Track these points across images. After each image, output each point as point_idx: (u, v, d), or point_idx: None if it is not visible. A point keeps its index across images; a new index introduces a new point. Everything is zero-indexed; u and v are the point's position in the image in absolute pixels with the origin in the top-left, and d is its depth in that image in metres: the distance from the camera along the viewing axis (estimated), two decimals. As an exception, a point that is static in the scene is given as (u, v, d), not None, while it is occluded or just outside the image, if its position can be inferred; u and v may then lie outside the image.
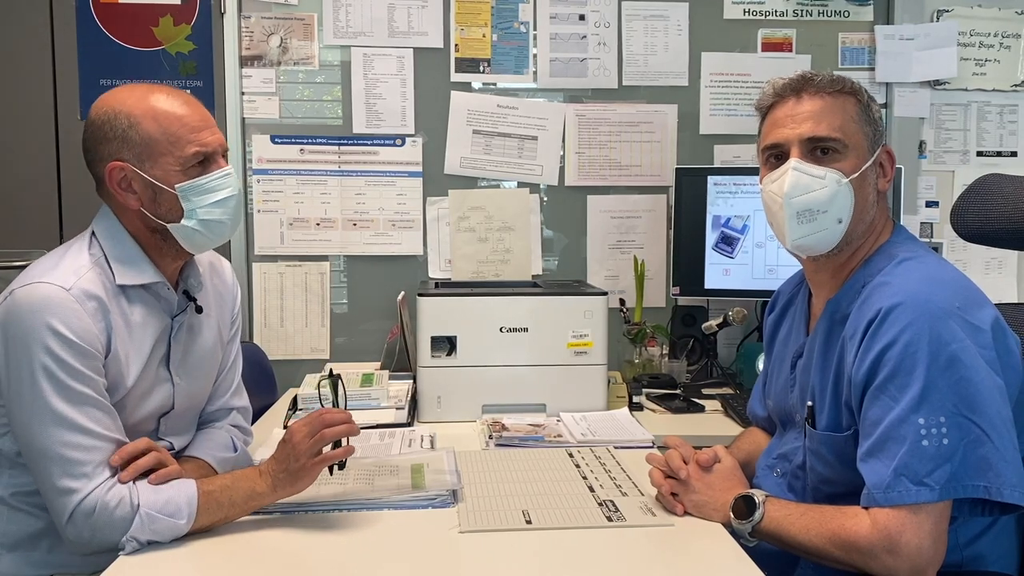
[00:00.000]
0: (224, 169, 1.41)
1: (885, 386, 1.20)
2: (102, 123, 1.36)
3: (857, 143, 1.33)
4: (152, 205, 1.38)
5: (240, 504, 1.32)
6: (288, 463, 1.33)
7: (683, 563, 1.25)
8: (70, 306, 1.27)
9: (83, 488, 1.24)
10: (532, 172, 2.59)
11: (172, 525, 1.27)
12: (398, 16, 2.53)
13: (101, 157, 1.37)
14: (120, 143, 1.35)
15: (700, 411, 2.14)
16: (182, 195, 1.37)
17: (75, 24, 2.46)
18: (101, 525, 1.24)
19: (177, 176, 1.36)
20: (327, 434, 1.34)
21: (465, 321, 2.00)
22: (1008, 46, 2.66)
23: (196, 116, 1.39)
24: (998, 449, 1.16)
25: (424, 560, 1.24)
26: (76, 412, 1.25)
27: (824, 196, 1.31)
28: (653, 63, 2.60)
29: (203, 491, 1.30)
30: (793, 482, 1.42)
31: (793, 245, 1.36)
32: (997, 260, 2.68)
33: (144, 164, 1.35)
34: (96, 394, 1.28)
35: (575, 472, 1.58)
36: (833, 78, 1.35)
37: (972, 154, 2.69)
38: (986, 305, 1.25)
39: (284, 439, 1.35)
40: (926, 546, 1.16)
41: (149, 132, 1.35)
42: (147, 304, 1.41)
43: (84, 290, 1.30)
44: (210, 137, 1.39)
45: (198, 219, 1.39)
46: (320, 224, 2.56)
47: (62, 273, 1.31)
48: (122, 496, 1.25)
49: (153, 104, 1.36)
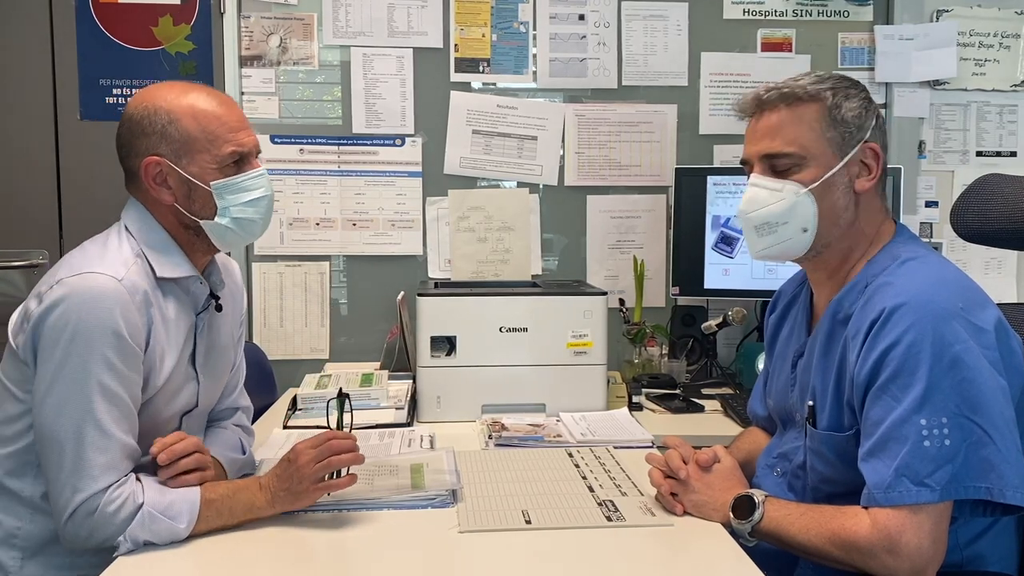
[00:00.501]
0: (258, 169, 1.44)
1: (887, 386, 1.20)
2: (141, 118, 1.37)
3: (818, 152, 1.32)
4: (186, 201, 1.39)
5: (238, 515, 1.32)
6: (291, 484, 1.33)
7: (683, 563, 1.25)
8: (124, 299, 1.28)
9: (90, 488, 1.23)
10: (532, 172, 2.59)
11: (171, 528, 1.26)
12: (398, 16, 2.53)
13: (137, 152, 1.38)
14: (159, 139, 1.36)
15: (700, 411, 2.14)
16: (217, 193, 1.39)
17: (74, 24, 2.46)
18: (101, 524, 1.24)
19: (213, 174, 1.39)
20: (334, 462, 1.33)
21: (465, 321, 2.00)
22: (1008, 46, 2.66)
23: (234, 116, 1.41)
24: (1000, 450, 1.16)
25: (424, 560, 1.24)
26: (107, 413, 1.26)
27: (780, 209, 1.33)
28: (653, 63, 2.60)
29: (205, 499, 1.30)
30: (793, 482, 1.42)
31: (756, 256, 1.41)
32: (996, 260, 2.68)
33: (181, 160, 1.37)
34: (129, 396, 1.29)
35: (575, 472, 1.58)
36: (792, 88, 1.34)
37: (972, 154, 2.69)
38: (989, 306, 1.25)
39: (289, 458, 1.34)
40: (926, 546, 1.16)
41: (188, 129, 1.37)
42: (179, 299, 1.43)
43: (132, 282, 1.31)
44: (247, 138, 1.42)
45: (231, 217, 1.41)
46: (320, 224, 2.56)
47: (112, 264, 1.31)
48: (126, 496, 1.25)
49: (193, 102, 1.38)
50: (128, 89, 2.48)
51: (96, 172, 2.47)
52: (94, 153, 2.47)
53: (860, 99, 1.34)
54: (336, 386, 2.02)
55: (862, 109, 1.34)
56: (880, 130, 1.36)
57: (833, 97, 1.32)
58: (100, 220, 1.53)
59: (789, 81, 1.36)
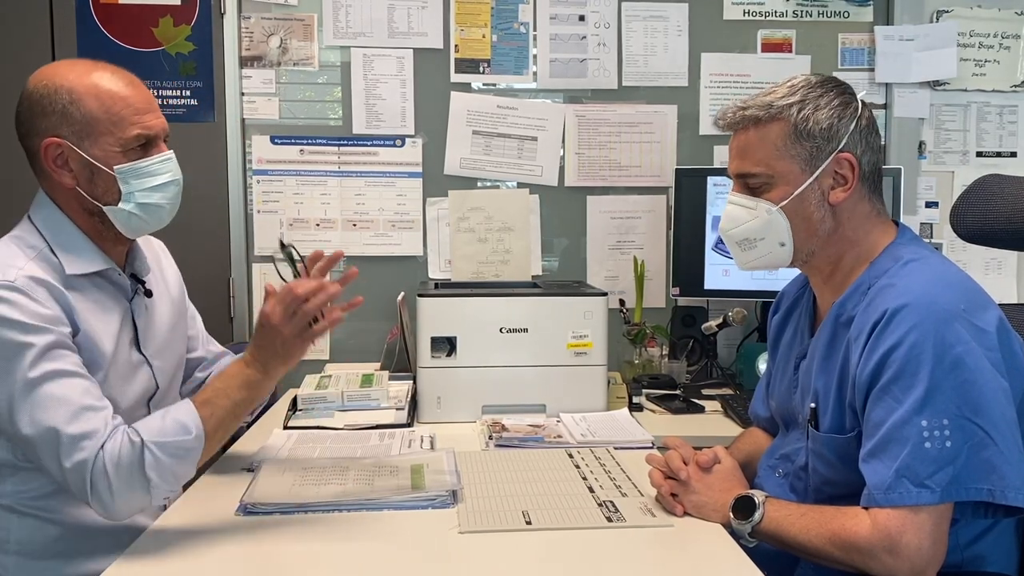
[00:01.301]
0: (165, 153, 1.39)
1: (889, 387, 1.20)
2: (40, 96, 1.32)
3: (785, 170, 1.33)
4: (88, 185, 1.35)
5: (240, 398, 1.31)
6: (274, 347, 1.31)
7: (683, 564, 1.25)
8: (18, 297, 1.24)
9: (88, 455, 1.21)
10: (532, 173, 2.59)
11: (182, 443, 1.25)
12: (398, 17, 2.53)
13: (37, 131, 1.33)
14: (59, 119, 1.32)
15: (700, 412, 2.14)
16: (121, 177, 1.34)
17: (75, 25, 2.46)
18: (118, 478, 1.22)
19: (117, 158, 1.34)
20: (308, 309, 1.31)
21: (465, 322, 2.00)
22: (1008, 47, 2.66)
23: (141, 98, 1.36)
24: (1002, 452, 1.16)
25: (424, 561, 1.24)
26: (57, 388, 1.23)
27: (756, 226, 1.37)
28: (653, 64, 2.60)
29: (198, 402, 1.29)
30: (795, 483, 1.42)
31: (743, 268, 1.45)
32: (997, 261, 2.68)
33: (83, 143, 1.32)
34: (73, 365, 1.26)
35: (575, 473, 1.58)
36: (756, 109, 1.34)
37: (972, 154, 2.69)
38: (991, 307, 1.25)
39: (262, 323, 1.32)
40: (926, 547, 1.16)
41: (91, 110, 1.32)
42: (102, 290, 1.40)
43: (30, 277, 1.27)
44: (154, 120, 1.37)
45: (136, 202, 1.36)
46: (320, 225, 2.56)
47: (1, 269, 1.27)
48: (120, 441, 1.23)
49: (96, 82, 1.33)
50: (128, 90, 2.48)
51: (96, 173, 2.47)
52: (94, 154, 2.47)
53: (834, 107, 1.32)
54: (337, 387, 2.02)
55: (835, 118, 1.32)
56: (862, 134, 1.33)
57: (800, 112, 1.31)
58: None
59: (760, 96, 1.36)
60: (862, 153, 1.34)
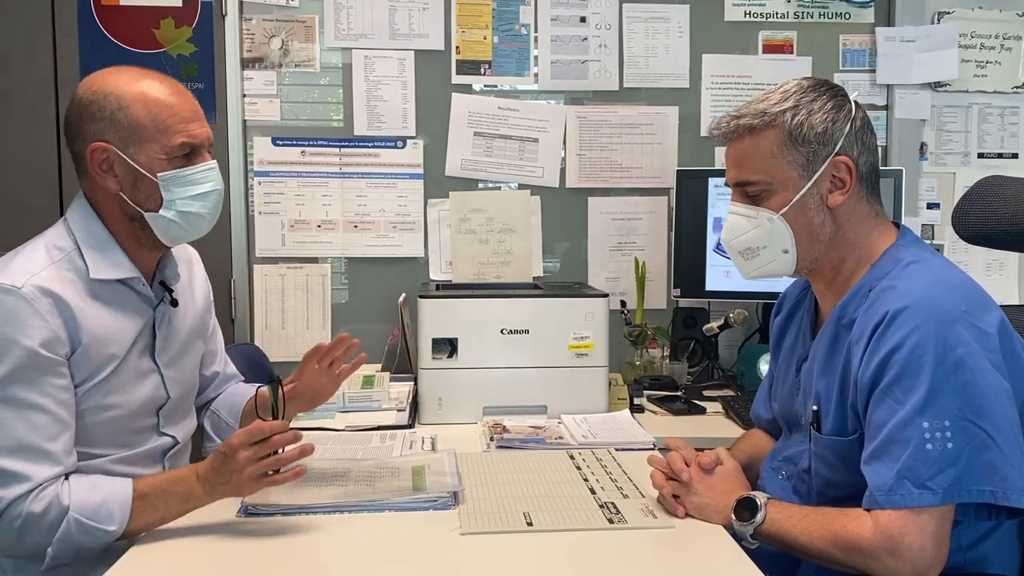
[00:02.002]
0: (208, 163, 1.40)
1: (890, 389, 1.20)
2: (89, 102, 1.34)
3: (782, 177, 1.33)
4: (131, 191, 1.36)
5: (175, 507, 1.30)
6: (229, 479, 1.28)
7: (684, 565, 1.25)
8: (19, 307, 1.24)
9: (8, 495, 1.21)
10: (533, 174, 2.59)
11: (101, 531, 1.24)
12: (399, 18, 2.53)
13: (84, 136, 1.35)
14: (106, 124, 1.33)
15: (701, 413, 2.14)
16: (163, 184, 1.35)
17: (76, 26, 2.46)
18: (28, 530, 1.22)
19: (161, 164, 1.35)
20: (272, 462, 1.28)
21: (466, 323, 2.00)
22: (1009, 48, 2.66)
23: (187, 107, 1.37)
24: (1004, 453, 1.16)
25: (425, 562, 1.24)
26: (16, 417, 1.23)
27: (758, 235, 1.36)
28: (654, 65, 2.60)
29: (138, 493, 1.27)
30: (798, 485, 1.41)
31: (747, 278, 1.44)
32: (998, 262, 2.68)
33: (128, 148, 1.34)
34: (42, 397, 1.25)
35: (576, 474, 1.58)
36: (750, 117, 1.33)
37: (973, 156, 2.69)
38: (992, 308, 1.25)
39: (225, 452, 1.28)
40: (928, 548, 1.16)
41: (138, 117, 1.33)
42: (123, 296, 1.39)
43: (37, 286, 1.27)
44: (199, 129, 1.38)
45: (177, 210, 1.37)
46: (321, 226, 2.56)
47: (12, 273, 1.28)
48: (50, 500, 1.23)
49: (144, 89, 1.34)
50: (130, 91, 2.48)
51: (98, 174, 2.48)
52: (96, 155, 2.47)
53: (827, 110, 1.32)
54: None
55: (829, 121, 1.32)
56: (857, 136, 1.33)
57: (794, 118, 1.31)
58: (102, 222, 1.53)
59: (753, 104, 1.36)
60: (858, 155, 1.33)
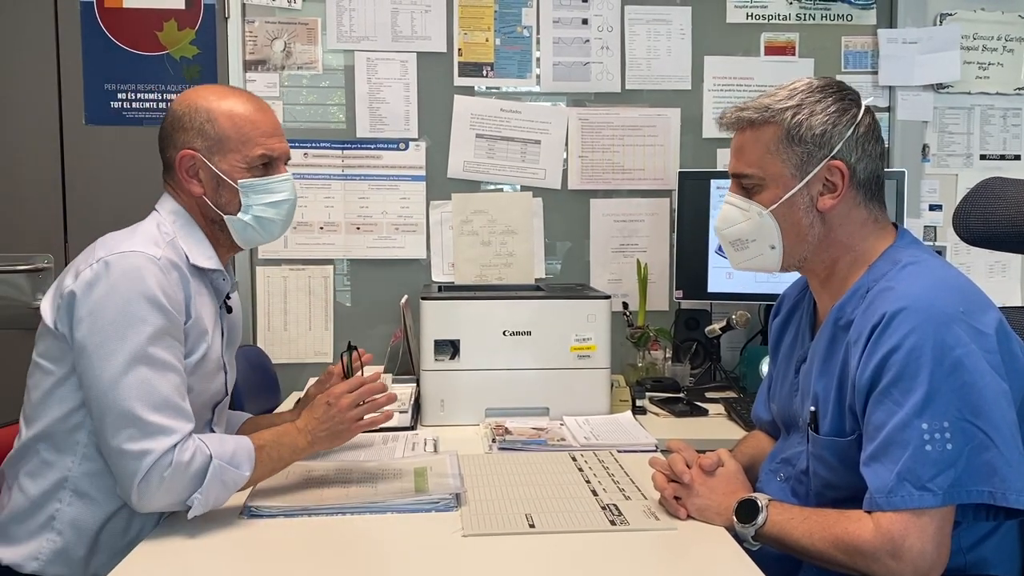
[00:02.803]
0: (285, 175, 1.53)
1: (889, 390, 1.20)
2: (183, 114, 1.47)
3: (776, 173, 1.33)
4: (214, 195, 1.48)
5: (284, 459, 1.44)
6: (332, 424, 1.45)
7: (686, 567, 1.25)
8: (160, 274, 1.36)
9: (158, 447, 1.28)
10: (535, 176, 2.59)
11: (238, 476, 1.35)
12: (401, 20, 2.54)
13: (175, 144, 1.48)
14: (195, 134, 1.46)
15: (703, 415, 2.14)
16: (243, 191, 1.48)
17: (80, 29, 2.47)
18: (176, 479, 1.29)
19: (241, 172, 1.48)
20: (374, 404, 1.48)
21: (468, 325, 2.00)
22: (1011, 49, 2.66)
23: (268, 123, 1.51)
24: (1003, 454, 1.16)
25: (427, 563, 1.24)
26: (157, 374, 1.31)
27: (748, 228, 1.38)
28: (656, 67, 2.61)
29: (257, 445, 1.39)
30: (797, 487, 1.41)
31: (736, 268, 1.46)
32: (1000, 264, 2.68)
33: (213, 156, 1.47)
34: (175, 360, 1.36)
35: (578, 476, 1.58)
36: (751, 111, 1.34)
37: (975, 157, 2.69)
38: (990, 309, 1.25)
39: (328, 402, 1.46)
40: (929, 550, 1.16)
41: (224, 129, 1.47)
42: (207, 288, 1.50)
43: (169, 259, 1.39)
44: (277, 144, 1.51)
45: (253, 215, 1.50)
46: (324, 228, 2.56)
47: (146, 243, 1.39)
48: (194, 449, 1.30)
49: (231, 106, 1.48)
50: (133, 93, 2.49)
51: (101, 176, 2.48)
52: (99, 157, 2.48)
53: (829, 113, 1.31)
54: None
55: (829, 124, 1.31)
56: (859, 142, 1.32)
57: (794, 116, 1.31)
58: (105, 223, 1.54)
59: (761, 98, 1.36)
60: (857, 161, 1.32)
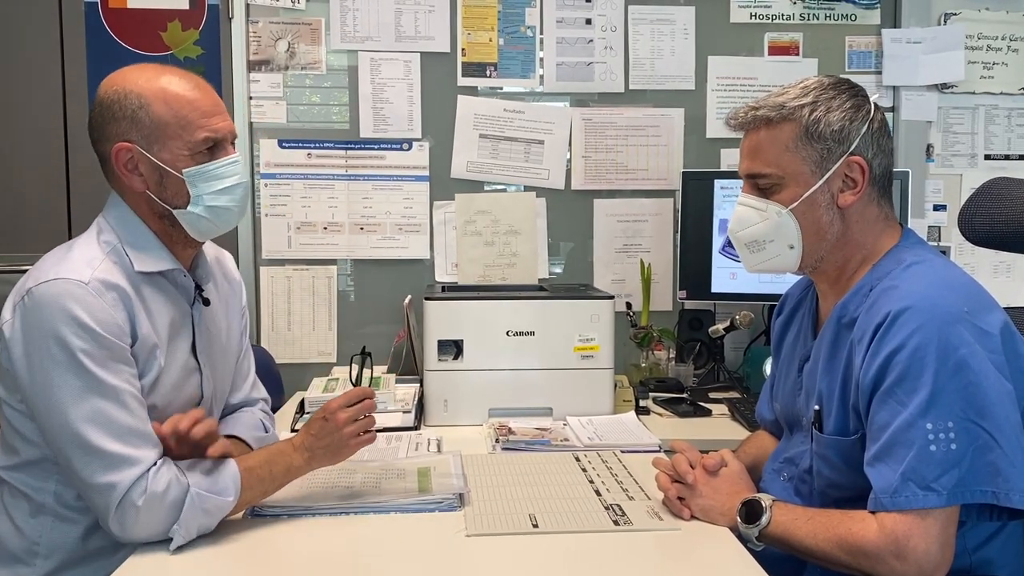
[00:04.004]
0: (232, 156, 1.39)
1: (893, 390, 1.20)
2: (111, 102, 1.34)
3: (795, 171, 1.33)
4: (158, 189, 1.35)
5: (279, 478, 1.35)
6: (330, 440, 1.36)
7: (689, 567, 1.25)
8: (90, 299, 1.25)
9: (125, 479, 1.21)
10: (538, 176, 2.59)
11: (221, 503, 1.27)
12: (405, 20, 2.54)
13: (108, 137, 1.35)
14: (129, 124, 1.33)
15: (707, 415, 2.14)
16: (189, 180, 1.35)
17: (84, 29, 2.47)
18: (151, 512, 1.22)
19: (185, 161, 1.34)
20: (371, 421, 1.40)
21: (471, 325, 2.00)
22: (1016, 49, 2.65)
23: (208, 101, 1.37)
24: (1007, 454, 1.16)
25: (430, 563, 1.24)
26: (112, 405, 1.23)
27: (766, 228, 1.36)
28: (660, 67, 2.60)
29: (244, 468, 1.31)
30: (800, 486, 1.41)
31: (751, 271, 1.44)
32: (1006, 264, 2.67)
33: (152, 147, 1.33)
34: (127, 384, 1.26)
35: (582, 476, 1.58)
36: (768, 109, 1.34)
37: (980, 157, 2.68)
38: (995, 309, 1.25)
39: (324, 417, 1.37)
40: (934, 551, 1.15)
41: (160, 114, 1.32)
42: (165, 291, 1.40)
43: (102, 280, 1.28)
44: (221, 123, 1.37)
45: (204, 205, 1.36)
46: (327, 228, 2.56)
47: (74, 266, 1.28)
48: (170, 479, 1.24)
49: (165, 86, 1.34)
50: (137, 94, 2.49)
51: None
52: (103, 157, 2.48)
53: (846, 109, 1.32)
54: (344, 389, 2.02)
55: (846, 120, 1.31)
56: (873, 137, 1.33)
57: (811, 113, 1.31)
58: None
59: (773, 96, 1.36)
60: (873, 156, 1.33)
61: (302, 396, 2.07)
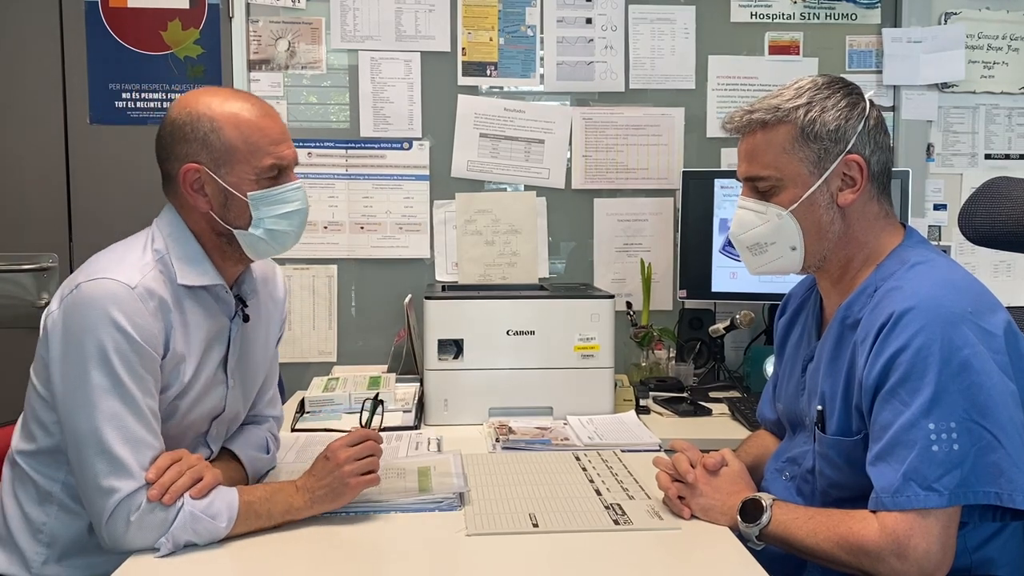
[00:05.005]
0: (295, 183, 1.43)
1: (896, 390, 1.20)
2: (183, 123, 1.36)
3: (793, 173, 1.32)
4: (222, 210, 1.38)
5: (276, 517, 1.33)
6: (331, 481, 1.35)
7: (690, 567, 1.25)
8: (134, 304, 1.28)
9: (126, 487, 1.23)
10: (539, 175, 2.59)
11: (212, 527, 1.26)
12: (405, 20, 2.54)
13: (177, 156, 1.37)
14: (199, 146, 1.36)
15: (707, 414, 2.14)
16: (253, 204, 1.38)
17: (84, 28, 2.47)
18: (142, 524, 1.23)
19: (250, 185, 1.38)
20: (374, 462, 1.37)
21: (472, 324, 2.00)
22: (1016, 48, 2.65)
23: (276, 128, 1.40)
24: (1010, 455, 1.15)
25: (430, 563, 1.24)
26: (129, 411, 1.25)
27: (767, 230, 1.36)
28: (660, 66, 2.60)
29: (243, 500, 1.30)
30: (802, 486, 1.41)
31: (754, 273, 1.44)
32: (1006, 263, 2.67)
33: (220, 169, 1.36)
34: (148, 396, 1.29)
35: (582, 475, 1.58)
36: (763, 112, 1.33)
37: (980, 157, 2.68)
38: (998, 310, 1.25)
39: (326, 456, 1.37)
40: (934, 551, 1.15)
41: (230, 139, 1.36)
42: (206, 305, 1.42)
43: (148, 288, 1.31)
44: (287, 150, 1.41)
45: (265, 228, 1.40)
46: (328, 227, 2.56)
47: (127, 270, 1.31)
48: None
49: (236, 111, 1.37)
50: (137, 93, 2.49)
51: (105, 175, 2.49)
52: (103, 157, 2.48)
53: (841, 108, 1.31)
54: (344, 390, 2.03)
55: (842, 119, 1.31)
56: (870, 134, 1.32)
57: (807, 114, 1.31)
58: (109, 223, 1.54)
59: (767, 99, 1.36)
60: (871, 154, 1.33)
61: (302, 395, 2.07)
